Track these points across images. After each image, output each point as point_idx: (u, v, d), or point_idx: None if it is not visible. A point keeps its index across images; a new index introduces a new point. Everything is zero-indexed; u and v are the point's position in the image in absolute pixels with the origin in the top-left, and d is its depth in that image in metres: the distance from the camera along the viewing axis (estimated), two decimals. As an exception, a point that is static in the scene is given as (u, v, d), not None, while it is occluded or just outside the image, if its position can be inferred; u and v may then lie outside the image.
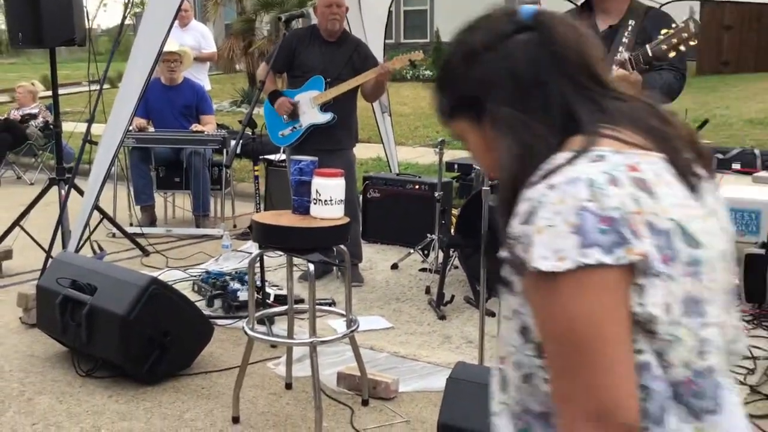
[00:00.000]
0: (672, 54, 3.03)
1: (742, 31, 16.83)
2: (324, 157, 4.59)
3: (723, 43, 17.03)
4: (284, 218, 3.11)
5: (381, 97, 6.63)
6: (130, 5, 5.58)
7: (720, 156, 8.15)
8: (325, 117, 4.74)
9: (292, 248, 3.06)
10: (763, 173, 4.67)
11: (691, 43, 3.00)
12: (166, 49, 5.36)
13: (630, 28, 3.33)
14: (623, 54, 3.16)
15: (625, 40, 3.31)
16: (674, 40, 2.99)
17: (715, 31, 17.00)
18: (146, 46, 4.58)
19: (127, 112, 4.61)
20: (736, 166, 7.99)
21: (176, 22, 4.96)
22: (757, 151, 8.07)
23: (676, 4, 6.06)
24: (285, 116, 4.81)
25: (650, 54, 3.05)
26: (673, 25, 3.03)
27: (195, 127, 6.49)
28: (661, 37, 3.03)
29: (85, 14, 5.03)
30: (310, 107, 4.77)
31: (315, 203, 3.05)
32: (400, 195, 5.82)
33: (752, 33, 16.79)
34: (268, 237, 3.05)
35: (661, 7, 5.79)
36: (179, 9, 4.56)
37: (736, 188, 6.05)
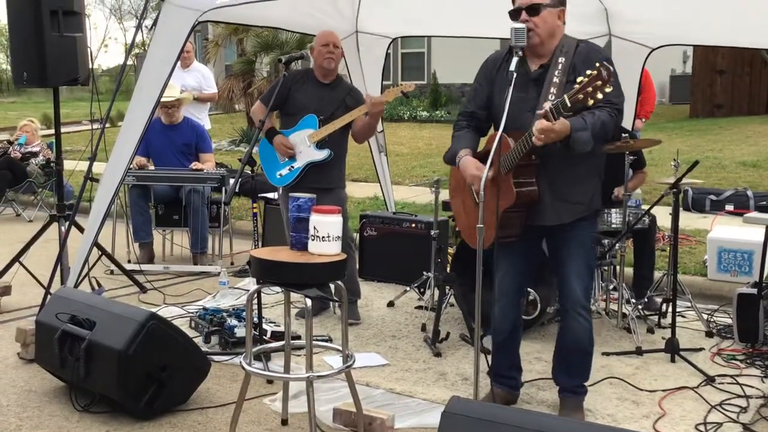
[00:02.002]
0: (590, 102, 3.00)
1: (734, 76, 17.08)
2: (318, 195, 4.64)
3: (716, 86, 17.27)
4: (282, 254, 3.16)
5: (378, 137, 6.75)
6: (132, 47, 5.69)
7: (714, 197, 8.26)
8: (323, 154, 4.80)
9: (290, 283, 3.10)
10: (753, 214, 4.73)
11: (607, 89, 2.97)
12: (164, 99, 5.46)
13: (560, 66, 3.28)
14: (546, 105, 3.11)
15: (555, 80, 3.26)
16: (589, 89, 2.98)
17: (708, 75, 17.26)
18: (149, 86, 4.68)
19: (128, 150, 4.69)
20: (730, 207, 8.10)
21: (178, 63, 5.05)
22: (750, 193, 8.18)
23: (670, 47, 6.19)
24: (281, 156, 4.89)
25: (569, 104, 3.04)
26: (588, 72, 3.00)
27: (194, 165, 6.57)
28: (577, 86, 3.01)
29: (89, 54, 5.13)
30: (306, 145, 4.84)
31: (313, 239, 3.10)
32: (397, 233, 5.88)
33: (744, 77, 17.04)
34: (266, 272, 3.09)
35: (652, 51, 5.94)
36: (182, 50, 4.66)
37: (728, 229, 6.13)
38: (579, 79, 3.03)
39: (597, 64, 3.01)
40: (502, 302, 3.59)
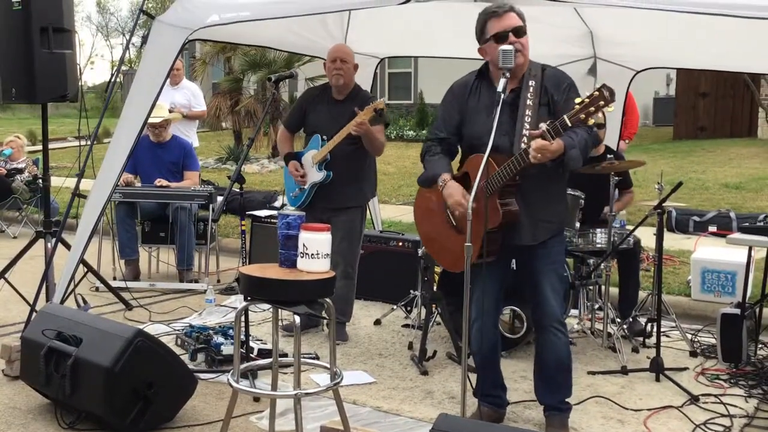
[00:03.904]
0: (591, 121, 3.12)
1: (717, 98, 17.32)
2: (330, 215, 4.64)
3: (699, 109, 17.49)
4: (271, 271, 3.17)
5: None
6: (119, 64, 5.70)
7: (697, 219, 8.34)
8: (320, 175, 4.81)
9: (278, 300, 3.11)
10: (736, 235, 4.79)
11: (608, 109, 3.10)
12: (152, 119, 5.44)
13: (531, 89, 3.37)
14: (541, 126, 3.21)
15: (529, 102, 3.35)
16: (592, 108, 3.09)
17: (692, 98, 17.49)
18: (138, 103, 4.69)
19: (116, 167, 4.69)
20: (713, 228, 8.17)
21: (168, 81, 5.07)
22: (732, 214, 8.27)
23: (653, 70, 6.28)
24: (297, 177, 4.90)
25: (569, 124, 3.14)
26: (588, 94, 3.12)
27: (158, 182, 6.51)
28: (578, 106, 3.12)
29: (78, 71, 5.13)
30: (311, 166, 4.86)
31: (302, 257, 3.12)
32: (384, 252, 5.89)
33: (727, 100, 17.28)
34: (255, 289, 3.10)
35: (637, 74, 6.03)
36: (172, 68, 4.69)
37: (712, 250, 6.20)
38: (578, 100, 3.15)
39: (599, 85, 3.13)
40: (480, 323, 3.62)
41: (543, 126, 3.20)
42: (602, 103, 3.09)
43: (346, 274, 4.90)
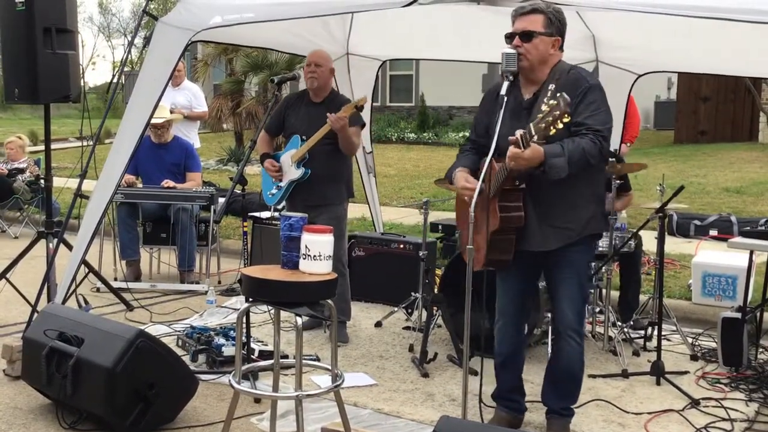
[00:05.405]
0: (552, 131, 3.01)
1: (718, 102, 17.31)
2: (311, 212, 4.69)
3: (700, 113, 17.49)
4: (273, 272, 3.17)
5: (367, 158, 6.79)
6: (122, 65, 5.71)
7: (698, 222, 8.35)
8: (298, 173, 4.90)
9: (280, 302, 3.11)
10: (737, 239, 4.79)
11: (565, 120, 2.98)
12: (154, 120, 5.45)
13: (549, 93, 3.25)
14: (517, 132, 3.12)
15: (543, 107, 3.18)
16: (549, 119, 3.00)
17: (693, 102, 17.48)
18: (140, 104, 4.70)
19: (119, 168, 4.70)
20: (714, 232, 8.17)
21: (169, 82, 5.08)
22: (733, 218, 8.27)
23: (654, 74, 6.29)
24: (274, 175, 4.99)
25: (533, 133, 3.06)
26: (550, 102, 3.02)
27: (166, 183, 6.52)
28: (540, 115, 3.05)
29: (81, 71, 5.14)
30: (289, 165, 4.94)
31: (304, 258, 3.12)
32: (385, 254, 5.90)
33: (728, 104, 17.27)
34: (257, 290, 3.10)
35: (638, 78, 6.03)
36: (174, 69, 4.70)
37: (713, 254, 6.20)
38: (542, 108, 3.07)
39: (558, 95, 3.02)
40: (500, 323, 3.64)
41: (518, 133, 3.12)
42: (558, 113, 2.97)
43: (337, 271, 4.91)
